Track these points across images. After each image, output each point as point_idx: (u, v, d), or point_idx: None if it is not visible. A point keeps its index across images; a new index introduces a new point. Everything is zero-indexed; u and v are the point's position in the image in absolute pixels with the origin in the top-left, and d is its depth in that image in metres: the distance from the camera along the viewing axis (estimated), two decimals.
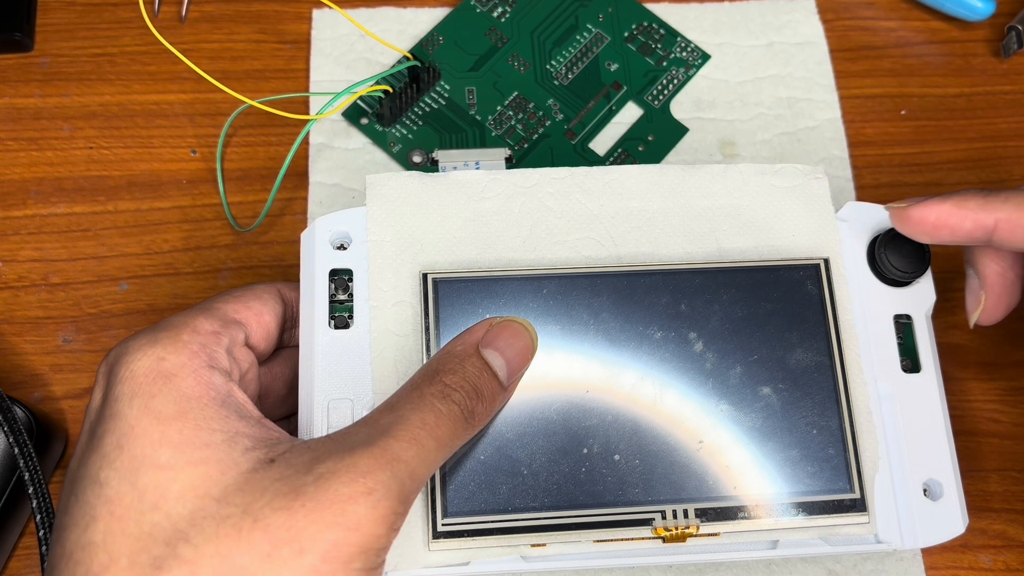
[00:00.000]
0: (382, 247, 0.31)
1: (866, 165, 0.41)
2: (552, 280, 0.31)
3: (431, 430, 0.25)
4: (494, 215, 0.32)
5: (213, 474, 0.24)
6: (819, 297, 0.31)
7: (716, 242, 0.32)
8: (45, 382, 0.36)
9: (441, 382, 0.26)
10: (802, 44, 0.42)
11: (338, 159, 0.39)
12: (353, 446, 0.24)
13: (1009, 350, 0.38)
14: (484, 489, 0.28)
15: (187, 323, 0.27)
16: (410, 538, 0.28)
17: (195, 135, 0.40)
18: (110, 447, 0.24)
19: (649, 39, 0.42)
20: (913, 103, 0.42)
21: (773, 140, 0.40)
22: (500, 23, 0.42)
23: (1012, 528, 0.35)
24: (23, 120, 0.40)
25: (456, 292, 0.30)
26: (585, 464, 0.29)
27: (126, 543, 0.23)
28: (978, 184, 0.40)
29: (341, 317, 0.30)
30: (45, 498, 0.30)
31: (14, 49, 0.41)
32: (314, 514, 0.23)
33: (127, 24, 0.41)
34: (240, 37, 0.42)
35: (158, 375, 0.25)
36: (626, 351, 0.30)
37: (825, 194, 0.33)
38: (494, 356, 0.27)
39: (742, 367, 0.30)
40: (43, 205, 0.38)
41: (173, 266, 0.38)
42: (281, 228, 0.38)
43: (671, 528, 0.29)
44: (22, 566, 0.34)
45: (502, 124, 0.40)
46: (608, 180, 0.32)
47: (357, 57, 0.41)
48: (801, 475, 0.29)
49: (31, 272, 0.37)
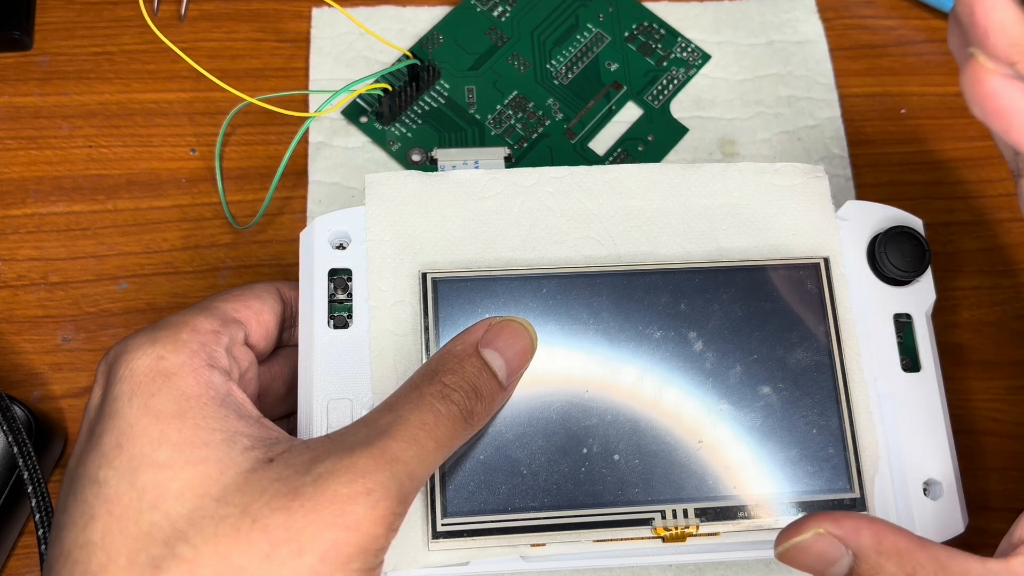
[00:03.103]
0: (381, 246, 0.31)
1: (866, 164, 0.40)
2: (551, 279, 0.31)
3: (430, 430, 0.25)
4: (493, 214, 0.32)
5: (212, 473, 0.24)
6: (819, 296, 0.31)
7: (716, 241, 0.32)
8: (44, 381, 0.36)
9: (440, 382, 0.26)
10: (802, 43, 0.42)
11: (337, 157, 0.39)
12: (352, 446, 0.24)
13: (1009, 350, 0.38)
14: (484, 489, 0.28)
15: (186, 322, 0.27)
16: (410, 538, 0.28)
17: (194, 134, 0.40)
18: (109, 446, 0.24)
19: (649, 39, 0.42)
20: (913, 102, 0.42)
21: (773, 139, 0.40)
22: (500, 22, 0.42)
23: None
24: (22, 119, 0.40)
25: (455, 292, 0.30)
26: (585, 464, 0.29)
27: (125, 542, 0.23)
28: (978, 183, 0.40)
29: (340, 317, 0.30)
30: (44, 497, 0.30)
31: (13, 48, 0.40)
32: (313, 514, 0.23)
33: (126, 23, 0.41)
34: (239, 36, 0.41)
35: (157, 374, 0.25)
36: (626, 350, 0.30)
37: (825, 193, 0.33)
38: (493, 356, 0.27)
39: (742, 366, 0.30)
40: (42, 204, 0.38)
41: (172, 265, 0.38)
42: (280, 227, 0.38)
43: (671, 528, 0.29)
44: (21, 565, 0.34)
45: (502, 123, 0.40)
46: (608, 179, 0.32)
47: (357, 56, 0.41)
48: (801, 474, 0.29)
49: (30, 271, 0.37)
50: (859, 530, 0.25)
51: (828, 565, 0.25)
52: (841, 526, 0.25)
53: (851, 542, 0.25)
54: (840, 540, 0.25)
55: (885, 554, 0.24)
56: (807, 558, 0.25)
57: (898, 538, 0.25)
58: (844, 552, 0.25)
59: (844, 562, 0.25)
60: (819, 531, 0.25)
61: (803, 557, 0.26)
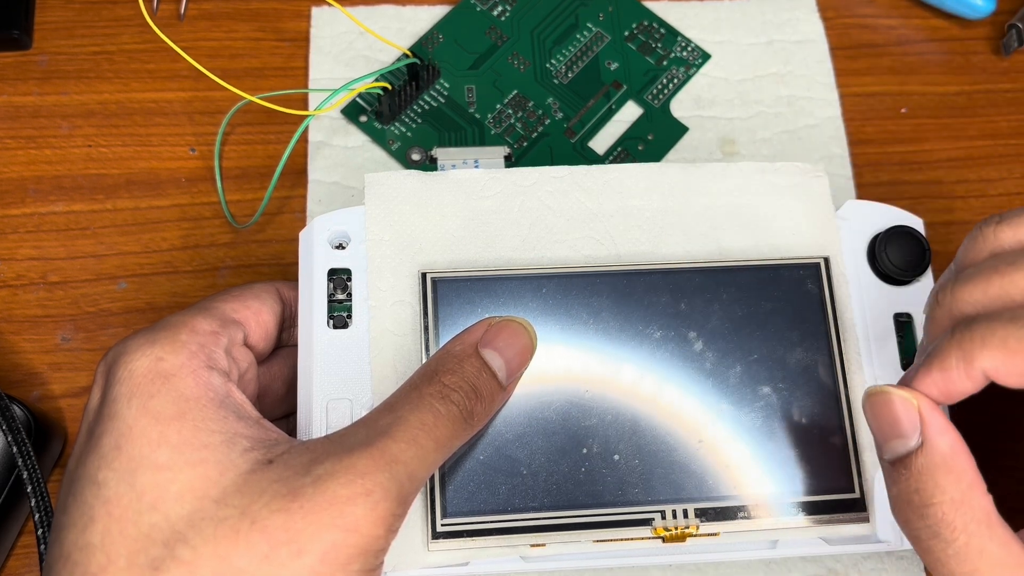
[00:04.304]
0: (381, 246, 0.31)
1: (866, 163, 0.40)
2: (551, 279, 0.31)
3: (430, 431, 0.25)
4: (493, 214, 0.32)
5: (212, 475, 0.24)
6: (819, 296, 0.31)
7: (716, 241, 0.32)
8: (44, 381, 0.36)
9: (440, 382, 0.26)
10: (802, 42, 0.42)
11: (337, 157, 0.39)
12: (351, 447, 0.24)
13: None
14: (484, 489, 0.28)
15: (186, 323, 0.27)
16: (409, 538, 0.28)
17: (194, 133, 0.40)
18: (108, 448, 0.24)
19: (649, 38, 0.42)
20: (913, 101, 0.42)
21: (773, 138, 0.40)
22: (500, 21, 0.42)
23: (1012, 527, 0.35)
24: (21, 118, 0.40)
25: (455, 291, 0.30)
26: (585, 464, 0.29)
27: (124, 544, 0.23)
28: (978, 183, 0.40)
29: (340, 317, 0.30)
30: (44, 497, 0.30)
31: (12, 47, 0.40)
32: (312, 515, 0.23)
33: (126, 22, 0.41)
34: (239, 35, 0.41)
35: (156, 375, 0.25)
36: (626, 350, 0.30)
37: (825, 192, 0.33)
38: (493, 356, 0.27)
39: (742, 366, 0.30)
40: (42, 203, 0.38)
41: (172, 264, 0.38)
42: (280, 226, 0.38)
43: (671, 528, 0.28)
44: (21, 565, 0.34)
45: (501, 122, 0.40)
46: (607, 179, 0.32)
47: (356, 55, 0.41)
48: (801, 474, 0.29)
49: (30, 271, 0.37)
50: (945, 432, 0.24)
51: (895, 436, 0.24)
52: (933, 416, 0.24)
53: (930, 434, 0.24)
54: (923, 425, 0.24)
55: (950, 470, 0.24)
56: (884, 414, 0.25)
57: (969, 468, 0.24)
58: (916, 437, 0.24)
59: (910, 444, 0.24)
60: (912, 401, 0.24)
61: (882, 411, 0.25)
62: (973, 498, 0.24)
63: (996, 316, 0.24)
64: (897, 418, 0.24)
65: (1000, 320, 0.24)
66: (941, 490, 0.24)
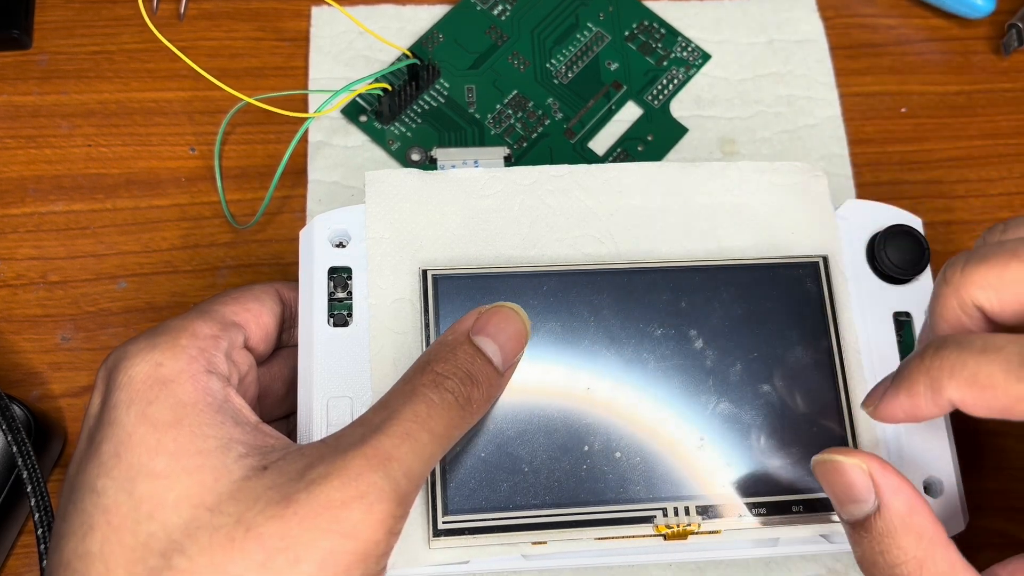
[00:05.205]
0: (381, 244, 0.31)
1: (866, 163, 0.40)
2: (552, 277, 0.31)
3: (423, 422, 0.24)
4: (493, 212, 0.32)
5: (207, 482, 0.23)
6: (819, 295, 0.31)
7: (716, 240, 0.32)
8: (43, 380, 0.36)
9: (432, 371, 0.26)
10: (802, 42, 0.42)
11: (337, 157, 0.39)
12: (345, 449, 0.23)
13: None
14: (485, 487, 0.28)
15: (186, 327, 0.27)
16: (410, 536, 0.28)
17: (194, 133, 0.40)
18: (108, 455, 0.24)
19: (649, 38, 0.42)
20: (913, 100, 0.42)
21: (773, 138, 0.40)
22: (500, 21, 0.42)
23: (1012, 526, 0.35)
24: (21, 118, 0.40)
25: (456, 289, 0.30)
26: (586, 461, 0.29)
27: (123, 553, 0.23)
28: (978, 183, 0.40)
29: (340, 315, 0.30)
30: (43, 497, 0.30)
31: (12, 47, 0.40)
32: (307, 521, 0.22)
33: (125, 22, 0.41)
34: (239, 35, 0.41)
35: (156, 381, 0.25)
36: (626, 348, 0.30)
37: (825, 192, 0.33)
38: (486, 342, 0.27)
39: (742, 365, 0.30)
40: (41, 203, 0.38)
41: (172, 264, 0.38)
42: (280, 226, 0.38)
43: (672, 526, 0.28)
44: (20, 564, 0.33)
45: (501, 123, 0.40)
46: (607, 178, 0.32)
47: (356, 55, 0.41)
48: (801, 472, 0.29)
49: (29, 270, 0.37)
50: (899, 491, 0.24)
51: (850, 501, 0.24)
52: (886, 477, 0.24)
53: (884, 496, 0.24)
54: (876, 488, 0.24)
55: (908, 528, 0.24)
56: (837, 481, 0.25)
57: (928, 523, 0.24)
58: (872, 500, 0.24)
59: (866, 508, 0.24)
60: (862, 467, 0.24)
61: (834, 479, 0.25)
62: (935, 553, 0.24)
63: (968, 345, 0.23)
64: (850, 483, 0.25)
65: (971, 350, 0.23)
66: (904, 551, 0.24)
